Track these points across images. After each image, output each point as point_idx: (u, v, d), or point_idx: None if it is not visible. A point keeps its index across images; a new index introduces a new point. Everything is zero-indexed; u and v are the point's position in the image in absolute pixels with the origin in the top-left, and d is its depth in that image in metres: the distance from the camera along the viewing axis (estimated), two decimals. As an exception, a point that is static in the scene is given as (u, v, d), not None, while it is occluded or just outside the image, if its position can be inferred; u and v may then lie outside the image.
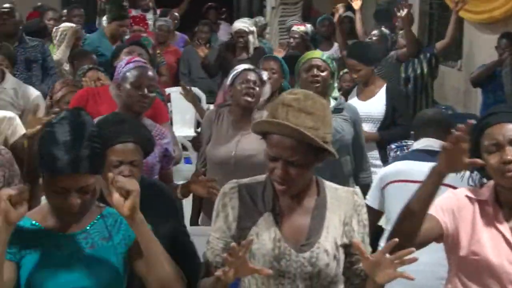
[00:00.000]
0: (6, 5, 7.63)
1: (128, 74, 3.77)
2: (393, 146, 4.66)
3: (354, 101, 5.34)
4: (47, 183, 2.26)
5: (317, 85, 4.35)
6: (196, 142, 4.79)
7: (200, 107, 6.27)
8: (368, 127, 5.23)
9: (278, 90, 4.99)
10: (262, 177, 2.54)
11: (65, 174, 2.21)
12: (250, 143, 4.04)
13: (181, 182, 3.92)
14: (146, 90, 3.74)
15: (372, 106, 5.39)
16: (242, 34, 7.67)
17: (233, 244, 2.24)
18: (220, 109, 4.37)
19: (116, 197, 2.23)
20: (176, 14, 9.97)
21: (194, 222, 4.38)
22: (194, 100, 5.98)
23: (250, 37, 7.63)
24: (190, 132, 8.11)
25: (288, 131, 2.32)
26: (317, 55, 4.60)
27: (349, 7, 8.78)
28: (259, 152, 3.66)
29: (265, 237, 2.42)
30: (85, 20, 8.94)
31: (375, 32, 7.57)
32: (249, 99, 4.15)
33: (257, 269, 2.28)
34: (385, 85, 5.52)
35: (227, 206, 2.47)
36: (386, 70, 6.90)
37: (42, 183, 2.29)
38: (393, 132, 5.25)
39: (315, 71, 4.40)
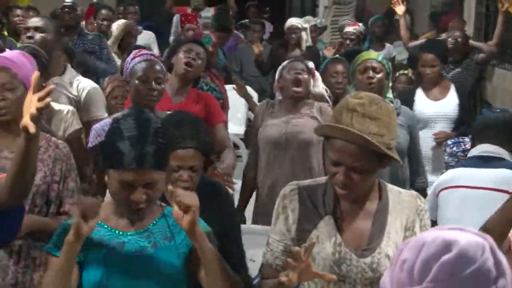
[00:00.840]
0: (69, 0, 7.84)
1: (135, 68, 3.77)
2: (449, 142, 4.63)
3: (424, 101, 5.58)
4: (112, 179, 2.27)
5: (372, 86, 4.31)
6: (249, 134, 4.79)
7: (253, 103, 6.23)
8: (443, 127, 5.50)
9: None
10: (322, 179, 2.50)
11: (130, 169, 2.22)
12: (299, 122, 4.34)
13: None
14: (153, 83, 3.72)
15: (446, 106, 5.59)
16: (295, 30, 7.64)
17: (297, 248, 2.19)
18: (271, 101, 4.55)
19: (175, 210, 2.22)
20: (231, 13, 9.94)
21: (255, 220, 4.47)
22: (247, 95, 5.94)
23: (303, 34, 7.61)
24: (241, 130, 8.10)
25: (352, 137, 2.27)
26: (372, 56, 4.56)
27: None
28: (309, 129, 4.10)
29: (325, 241, 2.38)
30: (140, 18, 9.00)
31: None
32: (298, 89, 4.34)
33: (320, 274, 2.24)
34: (452, 85, 5.69)
35: (287, 208, 2.44)
36: (466, 72, 6.96)
37: (107, 179, 2.29)
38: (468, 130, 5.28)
39: (371, 72, 4.39)
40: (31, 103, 2.38)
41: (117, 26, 7.25)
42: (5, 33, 7.27)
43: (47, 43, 4.21)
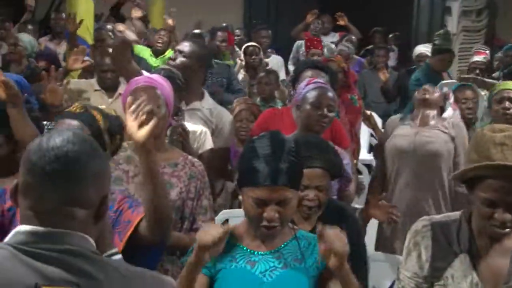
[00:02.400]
0: (196, 30, 7.96)
1: (308, 94, 3.83)
2: None
3: None
4: (246, 196, 2.31)
5: (508, 117, 4.24)
6: (378, 148, 4.77)
7: (380, 131, 6.19)
8: None
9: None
10: (455, 215, 2.44)
11: (264, 186, 2.27)
12: (428, 133, 4.43)
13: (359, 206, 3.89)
14: (325, 110, 3.78)
15: None
16: (423, 58, 7.54)
17: None
18: (403, 117, 4.63)
19: (321, 248, 2.25)
20: (354, 37, 9.93)
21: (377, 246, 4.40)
22: (374, 124, 5.90)
23: (431, 62, 7.47)
24: (364, 155, 8.05)
25: (510, 173, 2.18)
26: (509, 86, 4.47)
27: None
28: (439, 141, 4.29)
29: (461, 280, 2.32)
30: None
31: None
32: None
33: None
34: None
35: (419, 245, 2.40)
36: None
37: (242, 197, 2.34)
38: None
39: (507, 103, 4.31)
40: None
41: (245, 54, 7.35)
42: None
43: (189, 68, 4.29)
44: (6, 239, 1.62)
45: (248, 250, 2.39)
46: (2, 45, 7.58)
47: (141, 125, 2.24)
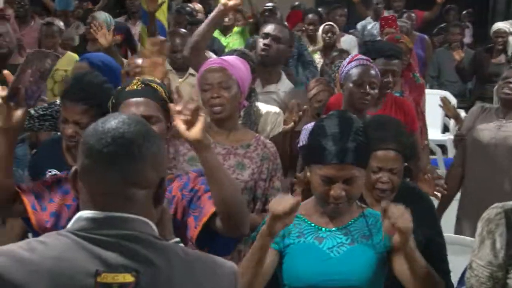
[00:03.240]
0: (269, 4, 7.95)
1: (350, 72, 3.80)
2: None
3: None
4: (314, 174, 2.34)
5: None
6: (458, 140, 4.66)
7: (461, 119, 6.02)
8: None
9: None
10: None
11: (332, 164, 2.28)
12: (511, 127, 4.23)
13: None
14: (368, 88, 3.74)
15: None
16: (501, 34, 7.33)
17: None
18: (486, 105, 4.42)
19: (386, 225, 2.22)
20: (413, 15, 9.69)
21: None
22: (455, 113, 5.72)
23: (510, 38, 7.28)
24: (437, 135, 7.95)
25: None
26: None
27: None
28: None
29: None
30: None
31: None
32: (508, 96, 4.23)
33: None
34: None
35: (493, 233, 2.34)
36: None
37: (310, 174, 2.36)
38: None
39: None
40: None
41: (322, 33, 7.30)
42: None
43: (281, 52, 4.38)
44: (69, 225, 1.65)
45: (316, 226, 2.41)
46: (80, 25, 7.73)
47: (188, 124, 2.18)
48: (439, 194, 3.67)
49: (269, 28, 4.47)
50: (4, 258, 1.55)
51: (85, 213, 1.63)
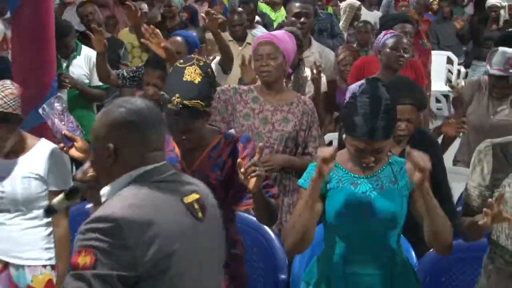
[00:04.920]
0: None
1: (387, 41, 3.81)
2: None
3: None
4: (348, 142, 2.25)
5: None
6: (457, 101, 4.50)
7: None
8: None
9: None
10: None
11: (362, 140, 2.18)
12: (505, 113, 3.89)
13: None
14: (402, 51, 3.77)
15: None
16: (494, 9, 7.13)
17: (490, 200, 2.06)
18: (482, 82, 4.05)
19: (409, 166, 2.14)
20: None
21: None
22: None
23: (502, 12, 7.08)
24: (442, 87, 7.83)
25: None
26: None
27: None
28: None
29: None
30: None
31: None
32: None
33: (508, 217, 2.08)
34: None
35: (482, 161, 2.28)
36: None
37: (345, 139, 2.27)
38: None
39: None
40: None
41: (345, 6, 7.11)
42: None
43: (310, 26, 4.39)
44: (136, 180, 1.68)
45: (351, 174, 2.34)
46: (161, 6, 7.67)
47: (250, 177, 2.19)
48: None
49: (298, 6, 4.36)
50: (129, 210, 1.57)
51: (145, 168, 1.67)
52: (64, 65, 4.48)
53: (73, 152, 2.24)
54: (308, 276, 2.40)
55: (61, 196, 1.85)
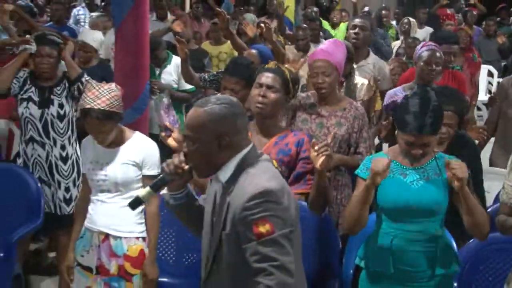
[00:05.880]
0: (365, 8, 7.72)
1: (422, 54, 3.69)
2: None
3: None
4: (400, 136, 2.28)
5: None
6: (492, 101, 4.38)
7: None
8: None
9: None
10: None
11: (412, 133, 2.21)
12: None
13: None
14: (434, 66, 3.64)
15: None
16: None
17: None
18: None
19: (449, 174, 2.17)
20: (475, 13, 9.03)
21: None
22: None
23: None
24: (482, 97, 7.57)
25: None
26: None
27: None
28: None
29: None
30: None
31: None
32: None
33: None
34: None
35: None
36: None
37: (397, 134, 2.30)
38: None
39: None
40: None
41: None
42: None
43: (368, 37, 4.37)
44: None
45: (401, 165, 2.35)
46: (236, 23, 7.77)
47: (321, 155, 2.26)
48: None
49: (356, 21, 4.48)
50: (273, 181, 1.71)
51: (247, 149, 1.77)
52: (157, 72, 4.59)
53: (170, 141, 2.34)
54: (361, 252, 2.45)
55: (147, 188, 1.85)
